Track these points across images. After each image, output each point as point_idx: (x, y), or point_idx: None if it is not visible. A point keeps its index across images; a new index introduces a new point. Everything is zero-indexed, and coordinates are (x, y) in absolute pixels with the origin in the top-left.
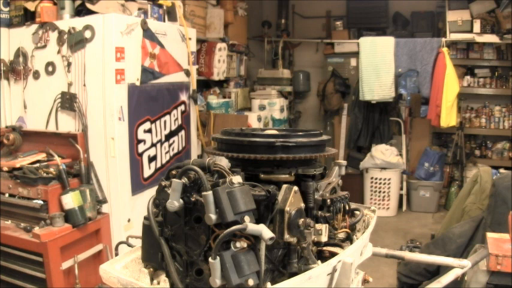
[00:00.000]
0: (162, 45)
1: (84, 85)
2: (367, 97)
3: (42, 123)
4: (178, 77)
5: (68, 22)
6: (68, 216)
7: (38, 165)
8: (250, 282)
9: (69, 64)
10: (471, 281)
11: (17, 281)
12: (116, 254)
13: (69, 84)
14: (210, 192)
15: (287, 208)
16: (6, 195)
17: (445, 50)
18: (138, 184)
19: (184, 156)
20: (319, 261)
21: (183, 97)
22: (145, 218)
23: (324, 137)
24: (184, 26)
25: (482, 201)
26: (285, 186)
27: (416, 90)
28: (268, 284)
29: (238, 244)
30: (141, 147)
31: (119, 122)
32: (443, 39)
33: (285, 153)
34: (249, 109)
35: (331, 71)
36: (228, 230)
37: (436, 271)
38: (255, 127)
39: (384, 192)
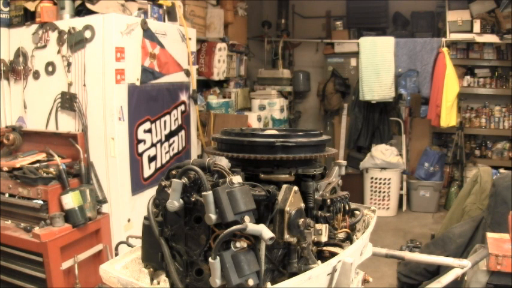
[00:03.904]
0: (162, 45)
1: (84, 85)
2: (367, 97)
3: (42, 123)
4: (178, 77)
5: (68, 22)
6: (68, 216)
7: (38, 165)
8: (250, 282)
9: (69, 64)
10: (471, 281)
11: (17, 281)
12: (116, 254)
13: (69, 84)
14: (210, 192)
15: (287, 208)
16: (6, 195)
17: (445, 50)
18: (138, 184)
19: (184, 156)
20: (319, 261)
21: (183, 97)
22: (145, 218)
23: (324, 137)
24: (184, 26)
25: (482, 201)
26: (285, 186)
27: (416, 90)
28: (268, 284)
29: (238, 244)
30: (141, 147)
31: (119, 122)
32: (443, 39)
33: (285, 153)
34: (249, 109)
35: (331, 71)
36: (228, 230)
37: (436, 271)
38: (255, 127)
39: (384, 192)
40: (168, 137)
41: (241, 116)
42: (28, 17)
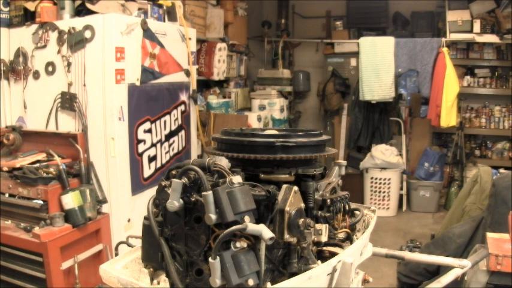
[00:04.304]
0: (162, 45)
1: (84, 85)
2: (367, 97)
3: (42, 123)
4: (178, 77)
5: (68, 22)
6: (68, 216)
7: (38, 165)
8: (250, 282)
9: (69, 64)
10: (471, 281)
11: (17, 281)
12: (116, 254)
13: (69, 84)
14: (210, 192)
15: (287, 208)
16: (6, 195)
17: (445, 50)
18: (138, 184)
19: (184, 156)
20: (319, 261)
21: (183, 97)
22: (145, 218)
23: (324, 137)
24: (184, 26)
25: (482, 201)
26: (285, 186)
27: (416, 90)
28: (268, 284)
29: (238, 244)
30: (141, 147)
31: (119, 122)
32: (443, 39)
33: (285, 153)
34: (249, 109)
35: (331, 71)
36: (228, 230)
37: (436, 271)
38: (255, 127)
39: (384, 192)
40: (168, 137)
41: (241, 116)
42: (28, 17)
